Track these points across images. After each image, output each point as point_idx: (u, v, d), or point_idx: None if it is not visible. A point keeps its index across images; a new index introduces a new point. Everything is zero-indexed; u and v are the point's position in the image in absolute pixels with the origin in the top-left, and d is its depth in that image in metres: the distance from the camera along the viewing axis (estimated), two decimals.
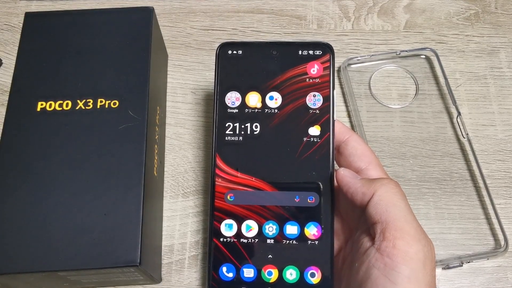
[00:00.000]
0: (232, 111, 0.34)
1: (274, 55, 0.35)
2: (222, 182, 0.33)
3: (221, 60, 0.35)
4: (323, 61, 0.34)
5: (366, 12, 0.50)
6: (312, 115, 0.34)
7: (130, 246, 0.31)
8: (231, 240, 0.33)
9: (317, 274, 0.32)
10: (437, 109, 0.44)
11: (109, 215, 0.32)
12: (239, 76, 0.35)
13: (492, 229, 0.39)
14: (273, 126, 0.34)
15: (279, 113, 0.34)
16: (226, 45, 0.35)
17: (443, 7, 0.50)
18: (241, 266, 0.32)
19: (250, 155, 0.33)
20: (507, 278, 0.38)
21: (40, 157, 0.34)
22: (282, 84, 0.34)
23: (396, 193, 0.29)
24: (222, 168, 0.33)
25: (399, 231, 0.28)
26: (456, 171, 0.41)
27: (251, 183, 0.33)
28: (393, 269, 0.27)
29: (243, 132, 0.34)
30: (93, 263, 0.31)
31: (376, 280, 0.28)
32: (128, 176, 0.33)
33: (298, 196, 0.33)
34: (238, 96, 0.34)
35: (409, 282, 0.27)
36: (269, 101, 0.34)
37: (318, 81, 0.34)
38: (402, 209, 0.29)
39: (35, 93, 0.36)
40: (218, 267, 0.32)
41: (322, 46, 0.35)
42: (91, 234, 0.32)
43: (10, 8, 0.50)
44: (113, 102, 0.36)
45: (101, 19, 0.39)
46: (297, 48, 0.35)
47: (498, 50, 0.47)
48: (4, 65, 0.47)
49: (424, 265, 0.28)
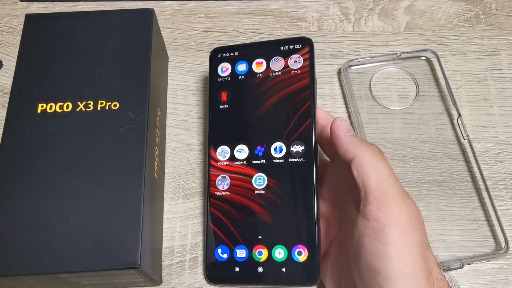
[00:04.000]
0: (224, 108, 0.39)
1: (259, 53, 0.39)
2: (214, 171, 0.37)
3: (213, 63, 0.40)
4: (303, 54, 0.38)
5: (367, 14, 0.50)
6: (295, 103, 0.37)
7: (130, 248, 0.31)
8: (224, 220, 0.36)
9: (304, 252, 0.33)
10: (438, 111, 0.44)
11: (110, 217, 0.32)
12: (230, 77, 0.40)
13: (493, 231, 0.39)
14: (260, 114, 0.38)
15: (266, 104, 0.38)
16: (217, 50, 0.41)
17: (444, 9, 0.50)
18: (234, 247, 0.35)
19: (240, 135, 0.38)
20: (508, 280, 0.37)
21: (40, 159, 0.34)
22: (267, 78, 0.38)
23: (377, 158, 0.30)
24: (214, 157, 0.38)
25: (381, 194, 0.28)
26: (457, 173, 0.41)
27: (239, 169, 0.37)
28: (381, 231, 0.28)
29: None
30: (94, 265, 0.31)
31: (369, 246, 0.28)
32: (128, 178, 0.33)
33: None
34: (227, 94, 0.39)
35: (399, 241, 0.27)
36: (255, 95, 0.38)
37: (298, 72, 0.37)
38: (383, 173, 0.29)
39: (35, 94, 0.36)
40: (214, 249, 0.36)
41: (301, 40, 0.38)
42: (92, 236, 0.31)
43: (10, 9, 0.50)
44: (113, 104, 0.36)
45: (102, 21, 0.39)
46: (277, 44, 0.39)
47: (498, 51, 0.47)
48: (5, 67, 0.47)
49: (411, 224, 0.28)
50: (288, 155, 0.36)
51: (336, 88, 0.46)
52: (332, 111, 0.45)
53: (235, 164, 0.37)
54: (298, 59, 0.38)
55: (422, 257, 0.28)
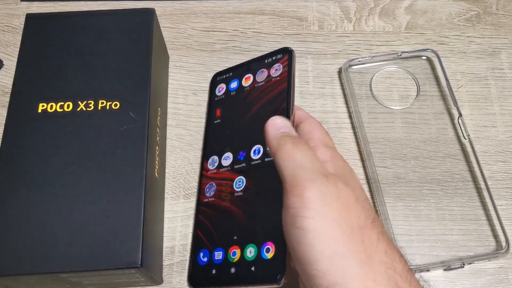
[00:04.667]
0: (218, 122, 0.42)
1: (248, 69, 0.42)
2: (204, 180, 0.39)
3: (213, 86, 0.44)
4: (283, 62, 0.39)
5: (367, 13, 0.50)
6: (273, 106, 0.38)
7: (131, 248, 0.31)
8: (208, 225, 0.37)
9: (271, 249, 0.33)
10: (438, 110, 0.44)
11: (110, 216, 0.32)
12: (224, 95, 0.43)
13: (494, 230, 0.39)
14: (245, 122, 0.40)
15: (249, 113, 0.40)
16: (216, 74, 0.44)
17: (444, 8, 0.50)
18: (214, 250, 0.36)
19: (226, 144, 0.40)
20: (509, 279, 0.37)
21: (41, 159, 0.34)
22: (252, 90, 0.40)
23: (295, 149, 0.29)
24: (206, 168, 0.40)
25: (294, 179, 0.27)
26: (458, 173, 0.41)
27: (224, 175, 0.38)
28: (296, 216, 0.26)
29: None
30: (94, 264, 0.31)
31: (290, 234, 0.27)
32: (129, 178, 0.33)
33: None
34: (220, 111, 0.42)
35: (314, 222, 0.26)
36: (242, 106, 0.40)
37: (278, 79, 0.39)
38: (298, 159, 0.28)
39: (36, 94, 0.36)
40: (197, 253, 0.37)
41: (282, 50, 0.40)
42: (92, 236, 0.32)
43: (11, 9, 0.50)
44: (114, 103, 0.36)
45: (102, 21, 0.39)
46: (263, 58, 0.41)
47: (499, 51, 0.47)
48: (5, 67, 0.47)
49: (327, 202, 0.26)
50: (264, 155, 0.37)
51: (337, 87, 0.46)
52: (333, 110, 0.45)
53: (221, 171, 0.39)
54: (279, 67, 0.39)
55: (350, 237, 0.26)
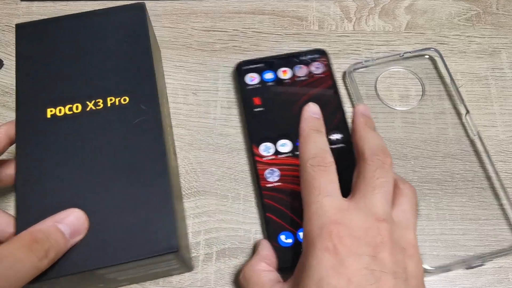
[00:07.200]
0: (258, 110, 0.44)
1: (282, 63, 0.45)
2: (261, 166, 0.41)
3: (240, 74, 0.45)
4: (322, 61, 0.45)
5: (367, 13, 0.50)
6: (325, 101, 0.43)
7: (167, 234, 0.31)
8: (282, 208, 0.39)
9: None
10: (444, 109, 0.44)
11: (140, 207, 0.32)
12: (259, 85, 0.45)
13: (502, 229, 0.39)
14: (295, 111, 0.42)
15: (298, 103, 0.43)
16: (241, 64, 0.45)
17: (444, 8, 0.50)
18: (297, 231, 0.38)
19: (281, 131, 0.42)
20: (509, 279, 0.38)
21: (60, 163, 0.33)
22: (295, 83, 0.44)
23: None
24: (258, 154, 0.41)
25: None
26: (469, 170, 0.41)
27: (286, 161, 0.41)
28: None
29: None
30: (133, 255, 0.30)
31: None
32: (152, 166, 0.33)
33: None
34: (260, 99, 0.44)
35: None
36: (287, 97, 0.44)
37: (322, 76, 0.44)
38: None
39: (42, 100, 0.35)
40: (276, 236, 0.38)
41: (316, 51, 0.45)
42: (126, 229, 0.31)
43: (11, 9, 0.50)
44: (123, 98, 0.35)
45: (94, 21, 0.38)
46: (295, 56, 0.45)
47: (499, 51, 0.47)
48: (5, 66, 0.47)
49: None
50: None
51: (340, 89, 0.46)
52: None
53: (280, 157, 0.41)
54: (319, 65, 0.45)
55: None
